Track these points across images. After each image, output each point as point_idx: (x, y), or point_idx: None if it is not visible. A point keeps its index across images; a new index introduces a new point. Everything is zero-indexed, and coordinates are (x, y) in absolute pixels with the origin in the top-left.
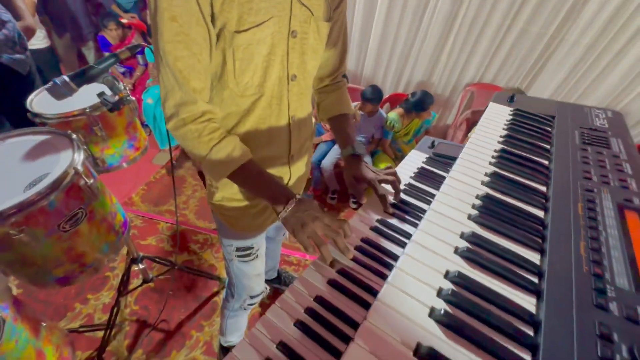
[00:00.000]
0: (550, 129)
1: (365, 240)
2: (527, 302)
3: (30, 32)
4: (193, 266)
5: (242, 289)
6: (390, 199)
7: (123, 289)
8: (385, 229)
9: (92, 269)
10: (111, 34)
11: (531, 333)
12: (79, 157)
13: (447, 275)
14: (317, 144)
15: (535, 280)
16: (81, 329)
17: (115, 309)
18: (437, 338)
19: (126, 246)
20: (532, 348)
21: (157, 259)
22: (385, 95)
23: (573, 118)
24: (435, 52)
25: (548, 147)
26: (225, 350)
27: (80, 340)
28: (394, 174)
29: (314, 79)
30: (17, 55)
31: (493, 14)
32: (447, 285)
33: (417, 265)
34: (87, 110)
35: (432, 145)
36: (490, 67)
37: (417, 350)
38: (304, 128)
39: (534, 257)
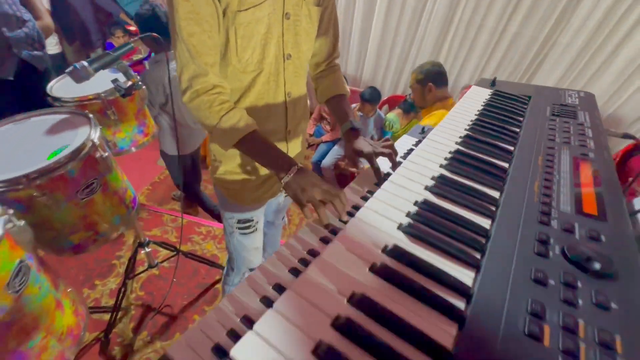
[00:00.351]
0: (525, 106)
1: (355, 207)
2: (483, 222)
3: (48, 31)
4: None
5: (241, 262)
6: (389, 169)
7: (130, 271)
8: None
9: (104, 238)
10: (118, 41)
11: (483, 241)
12: (96, 132)
13: (415, 203)
14: (318, 145)
15: (493, 208)
16: (89, 311)
17: (122, 290)
18: (402, 242)
19: (133, 230)
20: (481, 251)
21: (162, 244)
22: (384, 97)
23: (547, 97)
24: (433, 55)
25: (521, 119)
26: None
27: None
28: (391, 146)
29: (311, 65)
30: (36, 52)
31: (487, 17)
32: (415, 209)
33: (391, 196)
34: (102, 94)
35: (422, 131)
36: (486, 69)
37: (385, 248)
38: (298, 106)
39: (494, 194)
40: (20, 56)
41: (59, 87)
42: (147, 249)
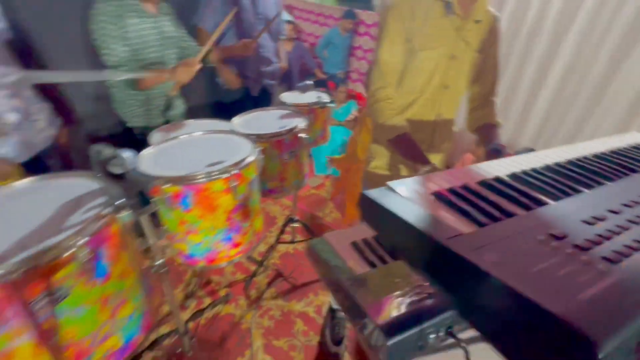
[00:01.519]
0: None
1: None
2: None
3: (282, 71)
4: None
5: None
6: None
7: (279, 237)
8: None
9: (283, 192)
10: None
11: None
12: (304, 123)
13: None
14: None
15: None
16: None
17: (268, 252)
18: None
19: (292, 205)
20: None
21: (304, 224)
22: None
23: None
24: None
25: None
26: (332, 311)
27: (240, 265)
28: None
29: (469, 100)
30: (271, 81)
31: None
32: None
33: None
34: (309, 104)
35: None
36: None
37: None
38: (444, 127)
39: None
40: (263, 83)
41: (285, 96)
42: (295, 224)
